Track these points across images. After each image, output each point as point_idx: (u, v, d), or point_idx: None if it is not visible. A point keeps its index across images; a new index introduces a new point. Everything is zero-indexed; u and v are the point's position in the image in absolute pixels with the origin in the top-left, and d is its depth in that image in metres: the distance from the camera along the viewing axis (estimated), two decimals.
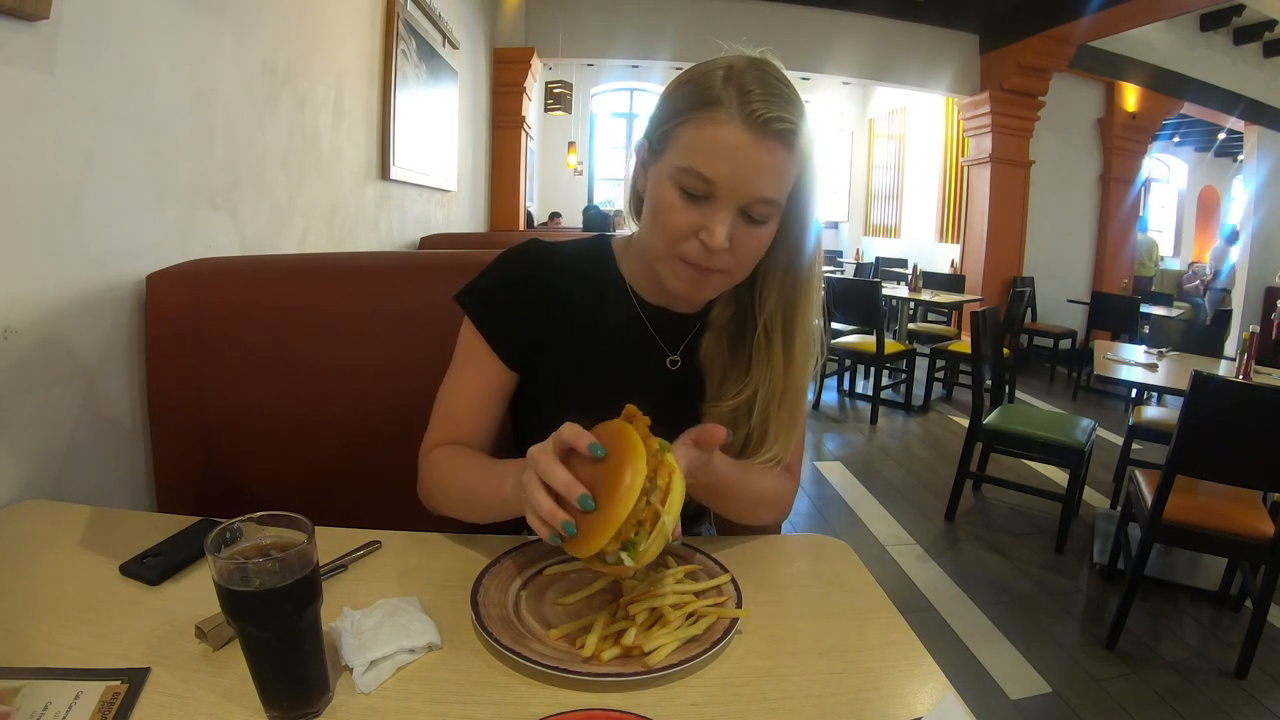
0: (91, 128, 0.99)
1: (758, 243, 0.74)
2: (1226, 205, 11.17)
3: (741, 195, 0.70)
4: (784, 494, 0.89)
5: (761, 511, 0.87)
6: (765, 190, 0.70)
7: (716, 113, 0.69)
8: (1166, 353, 3.12)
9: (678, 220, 0.72)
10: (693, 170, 0.70)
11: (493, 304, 0.83)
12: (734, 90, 0.69)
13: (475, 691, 0.57)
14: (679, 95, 0.73)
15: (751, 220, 0.72)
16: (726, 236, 0.71)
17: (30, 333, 0.90)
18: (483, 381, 0.83)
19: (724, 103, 0.69)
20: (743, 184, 0.70)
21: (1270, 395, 1.76)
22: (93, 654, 0.58)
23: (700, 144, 0.70)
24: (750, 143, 0.68)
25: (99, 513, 0.85)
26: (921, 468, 3.56)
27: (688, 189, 0.71)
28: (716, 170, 0.69)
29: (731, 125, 0.68)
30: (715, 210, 0.71)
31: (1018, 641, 2.05)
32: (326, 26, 1.89)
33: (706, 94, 0.70)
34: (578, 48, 5.36)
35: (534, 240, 0.86)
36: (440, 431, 0.84)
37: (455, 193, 3.81)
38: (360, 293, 1.13)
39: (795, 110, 0.70)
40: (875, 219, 9.53)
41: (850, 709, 0.57)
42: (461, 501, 0.79)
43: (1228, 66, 6.20)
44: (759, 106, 0.68)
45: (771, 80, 0.70)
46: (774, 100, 0.68)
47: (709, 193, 0.71)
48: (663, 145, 0.74)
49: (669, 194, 0.72)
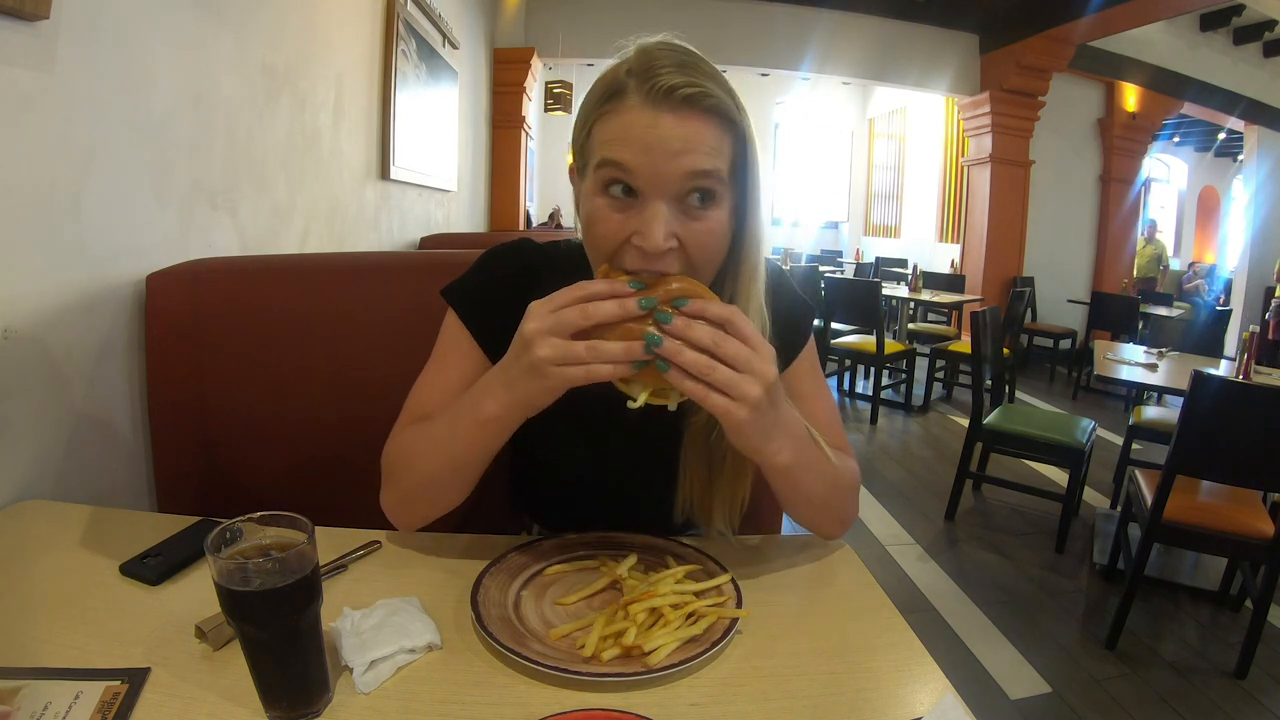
0: (91, 128, 0.99)
1: (710, 232, 0.66)
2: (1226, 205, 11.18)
3: (669, 179, 0.63)
4: (855, 473, 0.82)
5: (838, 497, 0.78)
6: (694, 163, 0.63)
7: (621, 100, 0.64)
8: (1166, 353, 3.12)
9: (607, 229, 0.65)
10: (608, 161, 0.64)
11: (479, 298, 0.80)
12: (635, 75, 0.64)
13: (475, 691, 0.57)
14: (586, 101, 0.69)
15: (693, 208, 0.65)
16: (666, 235, 0.63)
17: (30, 333, 0.90)
18: (462, 375, 0.78)
19: (627, 89, 0.64)
20: (666, 165, 0.62)
21: (1270, 395, 1.76)
22: (93, 654, 0.58)
23: (610, 136, 0.64)
24: (660, 116, 0.62)
25: (99, 513, 0.85)
26: (921, 468, 3.56)
27: (611, 189, 0.65)
28: (632, 157, 0.63)
29: (637, 107, 0.63)
30: (644, 207, 0.64)
31: (1018, 641, 2.05)
32: (326, 26, 1.89)
33: (610, 87, 0.65)
34: (578, 48, 5.36)
35: (524, 239, 0.85)
36: (406, 425, 0.78)
37: (455, 193, 3.81)
38: (360, 293, 1.13)
39: (705, 75, 0.64)
40: (875, 219, 9.54)
41: (850, 709, 0.57)
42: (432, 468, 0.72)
43: (1228, 66, 6.20)
44: (660, 78, 0.62)
45: (673, 53, 0.65)
46: (678, 69, 0.63)
47: (633, 187, 0.64)
48: (584, 158, 0.69)
49: (595, 203, 0.66)
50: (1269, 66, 6.25)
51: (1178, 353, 3.22)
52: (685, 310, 0.60)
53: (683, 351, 0.59)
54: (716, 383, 0.59)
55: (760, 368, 0.60)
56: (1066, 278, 6.51)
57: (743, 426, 0.61)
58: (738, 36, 5.49)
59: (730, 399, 0.59)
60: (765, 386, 0.60)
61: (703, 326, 0.60)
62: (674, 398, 0.63)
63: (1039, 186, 6.19)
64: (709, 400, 0.60)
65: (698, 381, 0.59)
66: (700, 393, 0.59)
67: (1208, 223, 11.49)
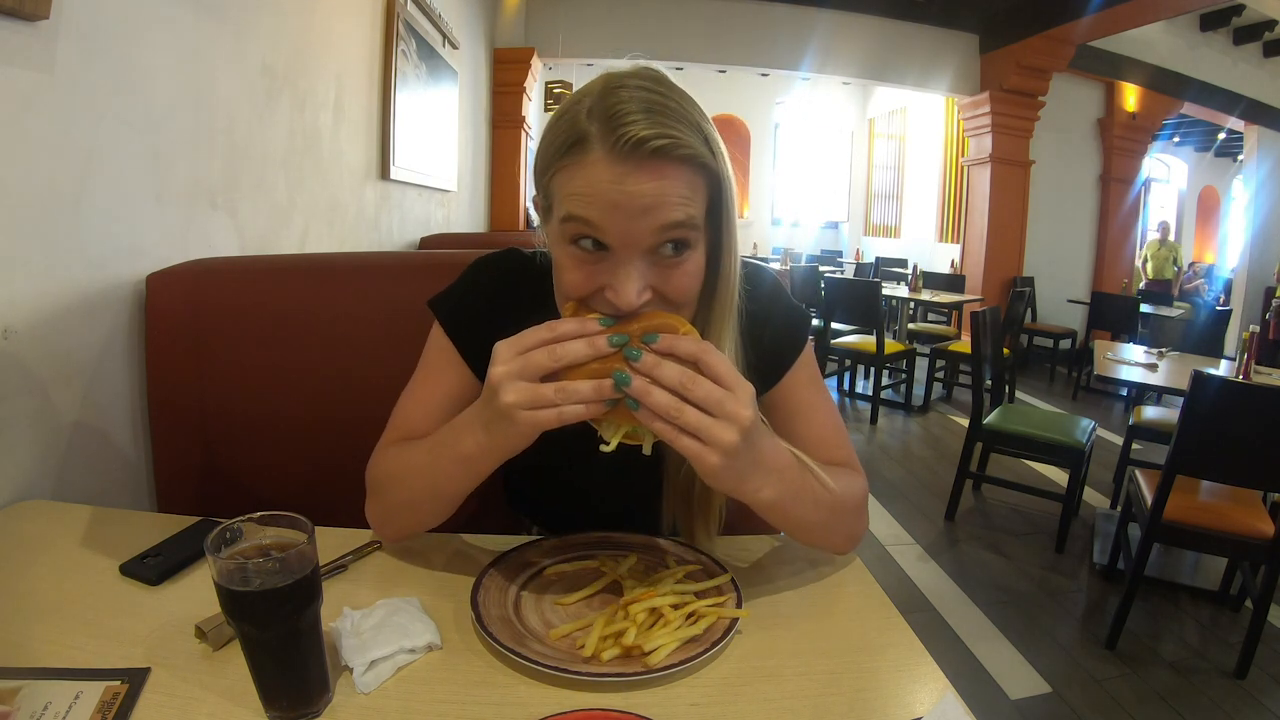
0: (91, 128, 0.99)
1: (685, 275, 0.64)
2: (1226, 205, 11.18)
3: (640, 237, 0.60)
4: (861, 491, 0.78)
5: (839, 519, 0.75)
6: (665, 217, 0.59)
7: (585, 154, 0.59)
8: (1166, 353, 3.12)
9: (576, 280, 0.63)
10: (575, 218, 0.60)
11: (463, 311, 0.79)
12: (597, 121, 0.59)
13: (475, 691, 0.57)
14: (547, 142, 0.63)
15: (667, 256, 0.62)
16: (639, 291, 0.60)
17: (30, 333, 0.90)
18: (447, 389, 0.77)
19: (590, 138, 0.59)
20: (636, 225, 0.59)
21: (1270, 395, 1.76)
22: (93, 654, 0.58)
23: (575, 193, 0.60)
24: (627, 174, 0.58)
25: (99, 513, 0.85)
26: (921, 468, 3.56)
27: (580, 243, 0.62)
28: (600, 216, 0.59)
29: (601, 163, 0.58)
30: (618, 265, 0.61)
31: (1018, 641, 2.05)
32: (326, 26, 1.89)
33: (571, 133, 0.60)
34: (578, 48, 5.36)
35: (512, 249, 0.83)
36: (392, 439, 0.77)
37: (455, 193, 3.81)
38: (360, 293, 1.13)
39: (677, 120, 0.59)
40: (875, 219, 9.53)
41: (850, 709, 0.57)
42: (413, 495, 0.71)
43: (1228, 66, 6.20)
44: (628, 129, 0.57)
45: (643, 94, 0.59)
46: (647, 116, 0.58)
47: (604, 243, 0.61)
48: (548, 199, 0.65)
49: (563, 253, 0.63)
50: (1269, 66, 6.25)
51: (1178, 353, 3.22)
52: (655, 347, 0.58)
53: (651, 391, 0.56)
54: (686, 426, 0.56)
55: (734, 411, 0.57)
56: (1066, 278, 6.51)
57: (716, 471, 0.57)
58: (738, 36, 5.49)
59: (701, 443, 0.57)
60: (740, 431, 0.57)
61: (671, 365, 0.57)
62: (648, 440, 0.61)
63: (1039, 186, 6.20)
64: (679, 443, 0.57)
65: (667, 423, 0.57)
66: (670, 434, 0.57)
67: (1208, 223, 11.50)
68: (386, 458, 0.76)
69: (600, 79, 0.62)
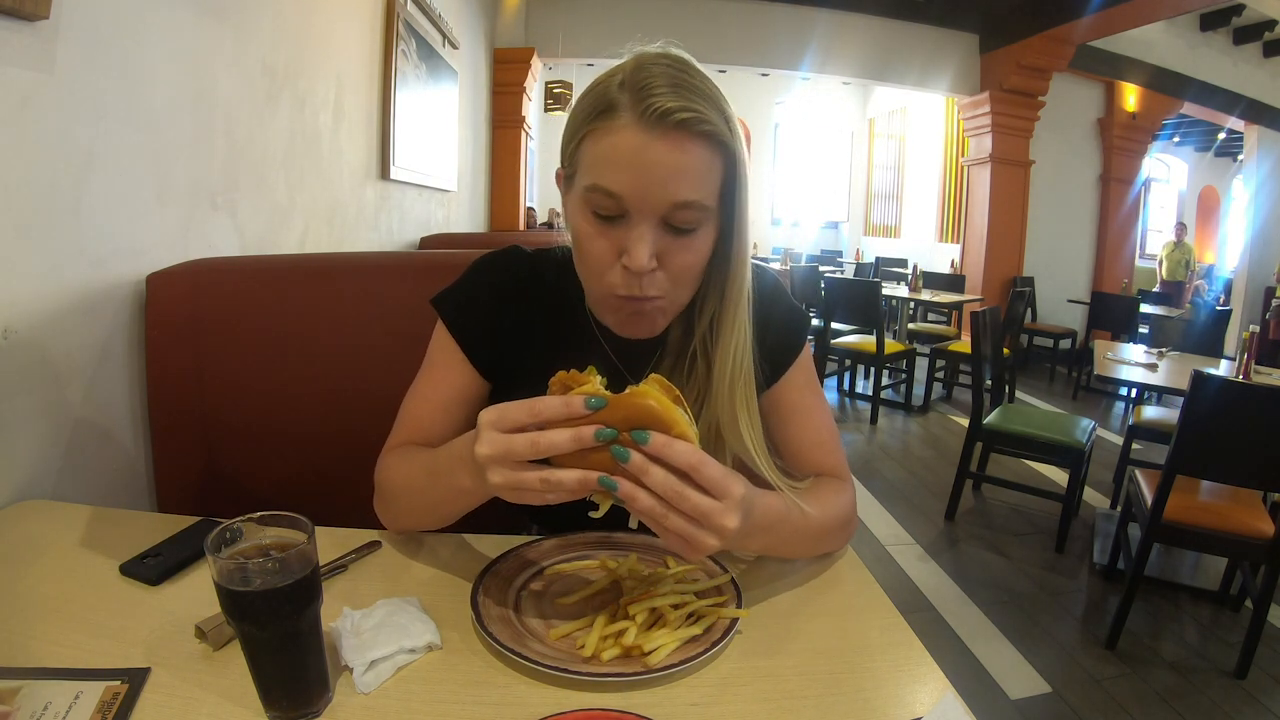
0: (91, 128, 0.99)
1: (692, 256, 0.67)
2: (1226, 205, 11.18)
3: (656, 205, 0.63)
4: (846, 505, 0.79)
5: (828, 539, 0.78)
6: (681, 193, 0.63)
7: (613, 119, 0.62)
8: (1166, 353, 3.12)
9: (595, 248, 0.66)
10: (597, 187, 0.63)
11: (467, 309, 0.80)
12: (629, 91, 0.62)
13: (475, 691, 0.57)
14: (578, 110, 0.67)
15: (678, 231, 0.65)
16: (650, 255, 0.64)
17: (30, 333, 0.90)
18: (451, 387, 0.79)
19: (619, 106, 0.62)
20: (653, 191, 0.62)
21: (1270, 395, 1.76)
22: (93, 654, 0.58)
23: (600, 157, 0.64)
24: (651, 142, 0.61)
25: (99, 513, 0.84)
26: (921, 468, 3.56)
27: (599, 210, 0.65)
28: (620, 182, 0.62)
29: (629, 128, 0.62)
30: (631, 228, 0.64)
31: (1018, 641, 2.05)
32: (326, 26, 1.89)
33: (602, 101, 0.64)
34: (578, 48, 5.36)
35: (514, 247, 0.84)
36: (400, 439, 0.79)
37: (455, 193, 3.81)
38: (360, 293, 1.13)
39: (702, 98, 0.62)
40: (875, 219, 9.54)
41: (850, 709, 0.57)
42: (416, 507, 0.74)
43: (1228, 66, 6.20)
44: (656, 100, 0.60)
45: (672, 71, 0.63)
46: (675, 90, 0.61)
47: (620, 210, 0.64)
48: (573, 169, 0.68)
49: (582, 222, 0.67)
50: (1269, 66, 6.25)
51: (1178, 353, 3.22)
52: (646, 449, 0.55)
53: (638, 497, 0.56)
54: (670, 528, 0.57)
55: (720, 524, 0.56)
56: (1066, 278, 6.52)
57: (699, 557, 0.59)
58: (738, 36, 5.49)
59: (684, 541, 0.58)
60: (724, 539, 0.57)
61: (659, 472, 0.56)
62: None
63: (1039, 186, 6.20)
64: (664, 536, 0.58)
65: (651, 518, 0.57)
66: (655, 527, 0.58)
67: (1208, 223, 11.49)
68: (391, 465, 0.77)
69: (633, 58, 0.66)
